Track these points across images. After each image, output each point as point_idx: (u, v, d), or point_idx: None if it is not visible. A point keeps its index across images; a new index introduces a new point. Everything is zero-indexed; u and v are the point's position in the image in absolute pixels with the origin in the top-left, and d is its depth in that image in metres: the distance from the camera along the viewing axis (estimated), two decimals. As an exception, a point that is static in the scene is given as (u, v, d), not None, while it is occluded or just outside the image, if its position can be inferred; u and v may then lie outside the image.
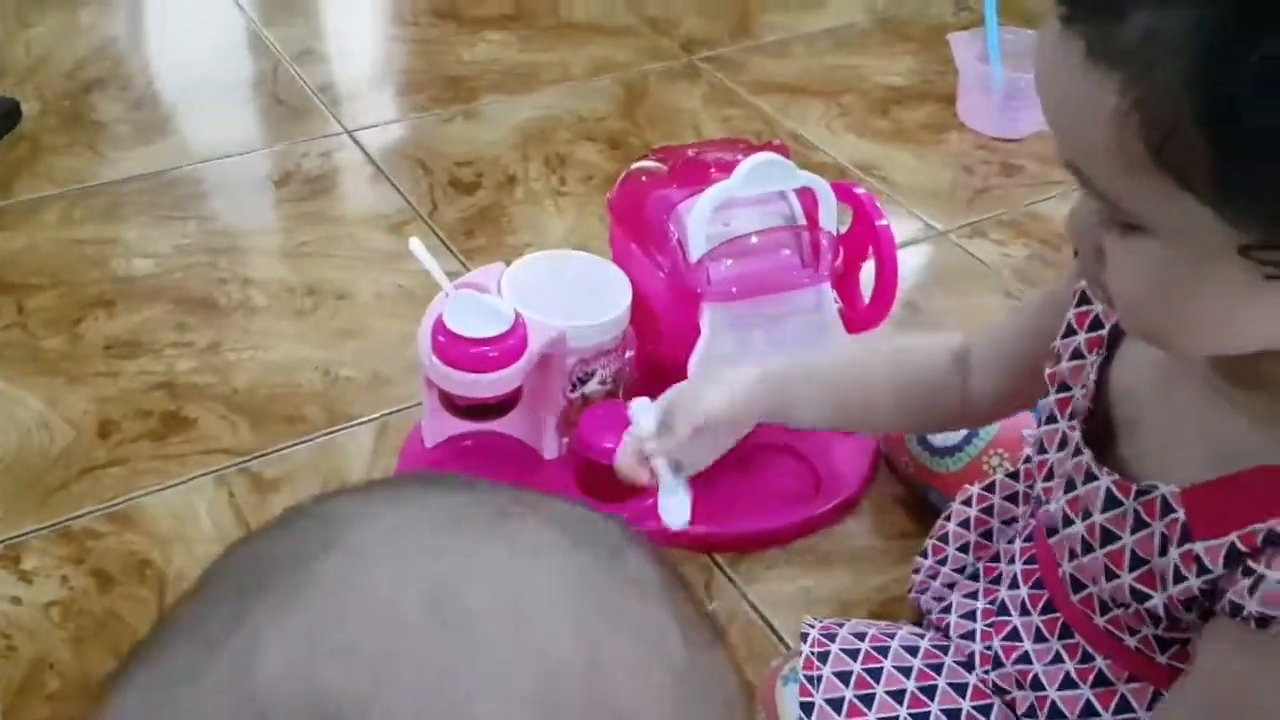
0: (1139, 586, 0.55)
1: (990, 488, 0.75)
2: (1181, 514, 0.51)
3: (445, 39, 1.60)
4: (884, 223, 0.92)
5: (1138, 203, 0.44)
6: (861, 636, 0.70)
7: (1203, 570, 0.50)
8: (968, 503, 0.76)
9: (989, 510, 0.74)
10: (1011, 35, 1.43)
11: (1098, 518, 0.56)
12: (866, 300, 0.95)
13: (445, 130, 1.40)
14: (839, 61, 1.58)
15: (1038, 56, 0.46)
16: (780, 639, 0.83)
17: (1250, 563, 0.48)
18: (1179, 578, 0.52)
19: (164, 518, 0.90)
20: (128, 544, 0.88)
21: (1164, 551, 0.53)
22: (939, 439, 0.91)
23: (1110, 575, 0.56)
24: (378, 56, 1.63)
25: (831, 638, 0.70)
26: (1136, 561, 0.54)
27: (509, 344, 0.82)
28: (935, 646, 0.69)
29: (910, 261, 1.21)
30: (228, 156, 1.34)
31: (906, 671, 0.67)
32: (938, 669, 0.68)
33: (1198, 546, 0.50)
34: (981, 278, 1.22)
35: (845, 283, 0.94)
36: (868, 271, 0.95)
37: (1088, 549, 0.57)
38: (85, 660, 0.80)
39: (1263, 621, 0.48)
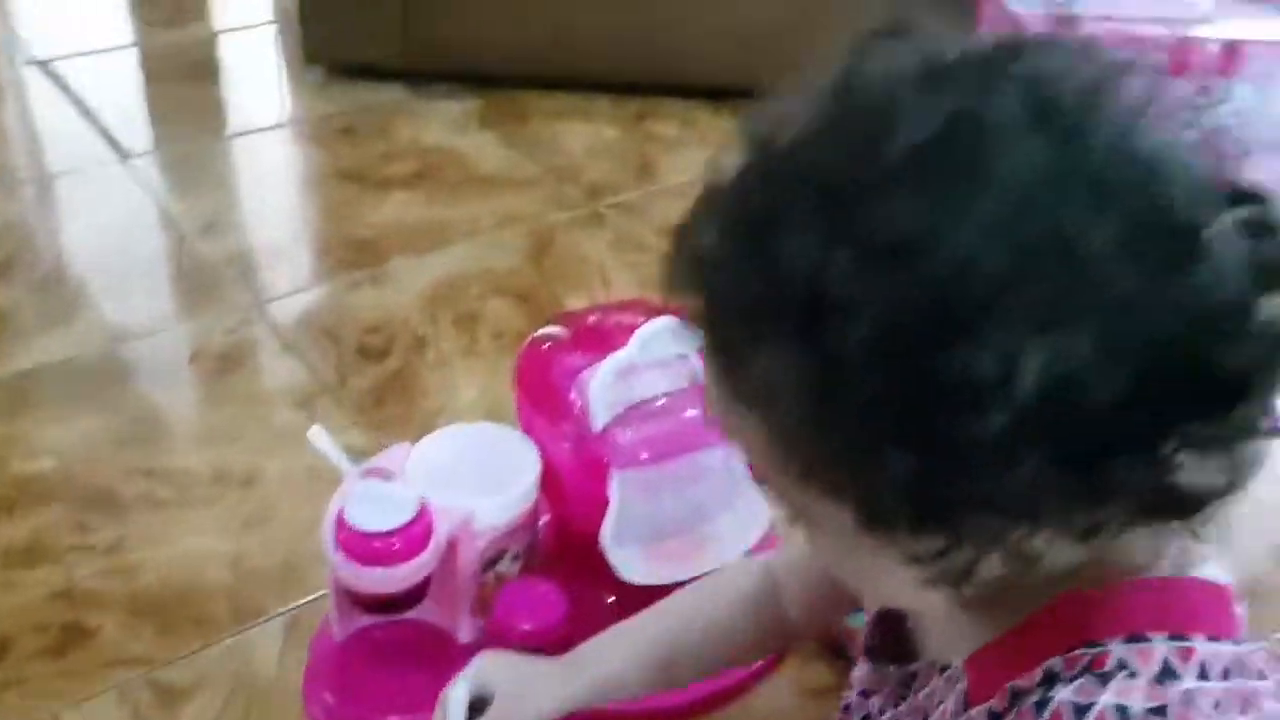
0: None
1: None
2: (963, 682, 0.53)
3: (352, 201, 1.60)
4: (787, 374, 0.92)
5: (804, 504, 0.47)
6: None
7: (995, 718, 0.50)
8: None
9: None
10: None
11: (911, 701, 0.58)
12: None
13: (354, 296, 1.40)
14: (742, 198, 1.61)
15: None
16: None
17: (1030, 699, 0.48)
18: None
19: (65, 741, 0.86)
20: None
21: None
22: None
23: None
24: (285, 224, 1.63)
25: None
26: None
27: (413, 533, 0.80)
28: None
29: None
30: (137, 338, 1.32)
31: None
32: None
33: (973, 713, 0.51)
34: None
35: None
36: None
37: None
38: None
39: None
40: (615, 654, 0.76)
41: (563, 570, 0.92)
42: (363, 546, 0.80)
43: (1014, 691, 0.48)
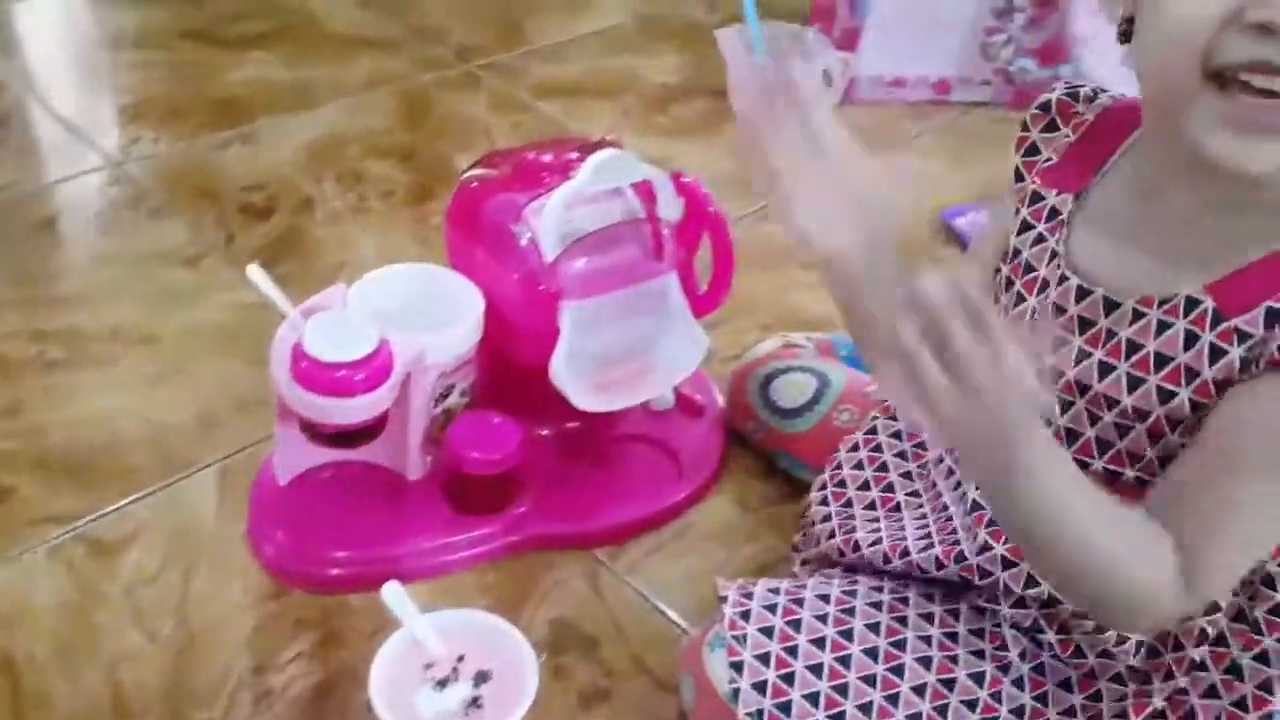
0: (1165, 385, 0.60)
1: (872, 431, 0.81)
2: (1210, 302, 0.59)
3: (205, 62, 1.52)
4: (715, 208, 0.95)
5: None
6: (776, 591, 0.73)
7: (1244, 338, 0.57)
8: (854, 448, 0.81)
9: (877, 449, 0.80)
10: (770, 29, 1.50)
11: (1124, 333, 0.62)
12: (703, 287, 0.98)
13: (223, 156, 1.33)
14: (611, 63, 1.62)
15: None
16: (674, 621, 0.85)
17: None
18: (1217, 356, 0.58)
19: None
20: (-39, 633, 0.80)
21: (1190, 344, 0.59)
22: (785, 401, 0.96)
23: (1134, 385, 0.62)
24: (138, 84, 1.52)
25: (749, 596, 0.73)
26: (1162, 361, 0.61)
27: (375, 365, 0.80)
28: (844, 592, 0.74)
29: (719, 247, 1.26)
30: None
31: (824, 618, 0.71)
32: (850, 612, 0.72)
33: (1235, 321, 0.58)
34: (784, 256, 1.28)
35: (683, 269, 0.97)
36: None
37: (1107, 371, 0.63)
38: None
39: None
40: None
41: (500, 405, 0.93)
42: (325, 377, 0.79)
43: (1269, 313, 0.56)
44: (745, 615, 0.72)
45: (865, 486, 0.83)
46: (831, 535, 0.80)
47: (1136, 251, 0.64)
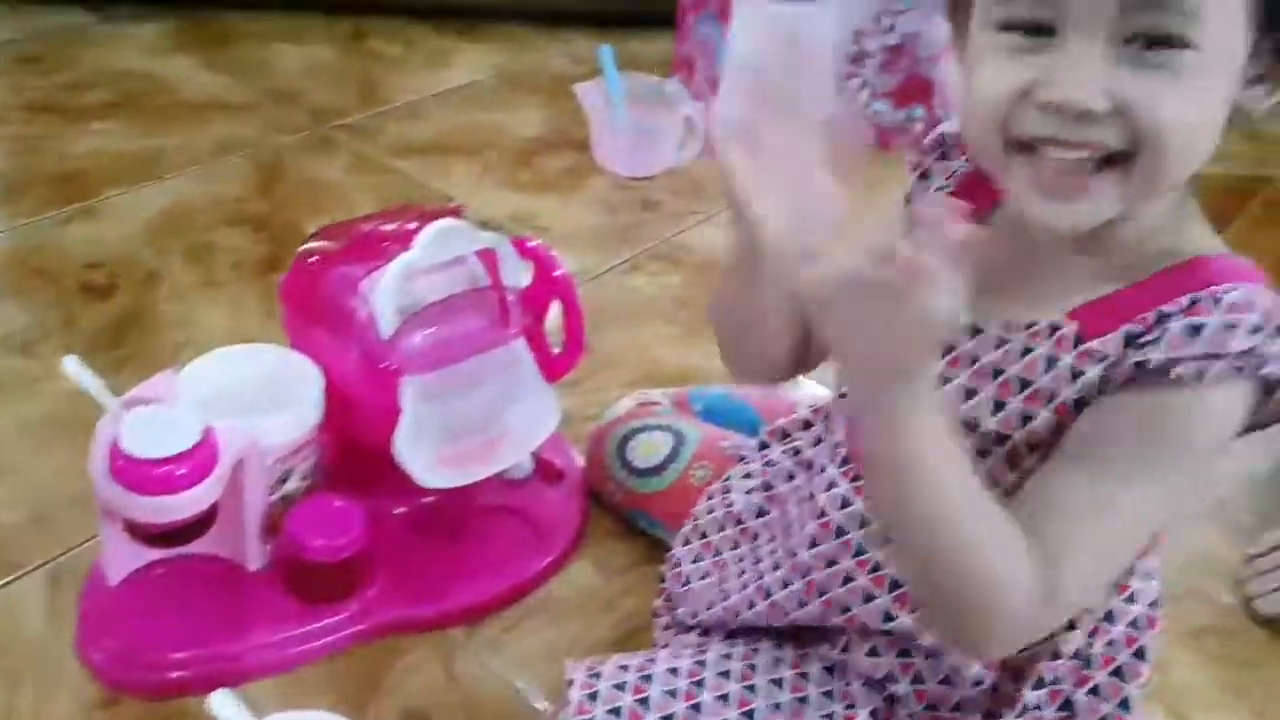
0: (1026, 408, 0.61)
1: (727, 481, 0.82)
2: (1071, 326, 0.60)
3: (46, 135, 1.46)
4: (561, 271, 0.94)
5: (1205, 11, 0.53)
6: (625, 669, 0.72)
7: (1101, 359, 0.59)
8: (710, 500, 0.83)
9: (730, 502, 0.81)
10: (629, 81, 1.51)
11: (986, 359, 0.63)
12: (556, 349, 0.97)
13: (64, 233, 1.28)
14: (472, 119, 1.61)
15: None
16: (532, 700, 0.83)
17: (1146, 337, 0.57)
18: (1075, 376, 0.59)
19: None
20: None
21: (1050, 367, 0.60)
22: (640, 460, 0.95)
23: (996, 409, 0.62)
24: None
25: (597, 676, 0.71)
26: (1023, 385, 0.62)
27: (199, 458, 0.77)
28: (695, 663, 0.72)
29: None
30: None
31: (673, 693, 0.70)
32: (700, 684, 0.71)
33: (1094, 343, 0.59)
34: (643, 309, 1.28)
35: (533, 334, 0.96)
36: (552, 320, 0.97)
37: (970, 394, 0.63)
38: None
39: (1165, 369, 0.56)
40: None
41: (346, 487, 0.90)
42: (144, 475, 0.75)
43: (1128, 335, 0.58)
44: (593, 697, 0.70)
45: (726, 537, 0.82)
46: (687, 587, 0.80)
47: (1007, 281, 0.65)
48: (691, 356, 1.20)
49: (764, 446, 0.86)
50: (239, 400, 0.83)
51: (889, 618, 0.69)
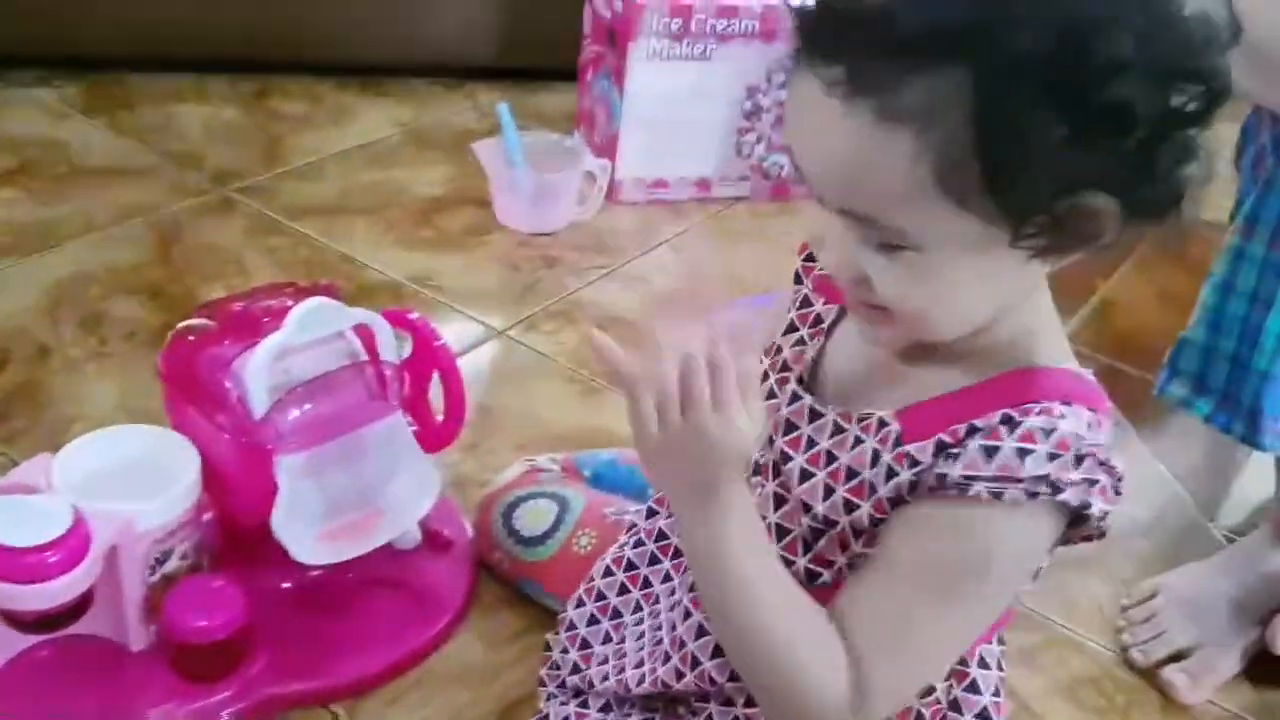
0: (850, 498, 0.64)
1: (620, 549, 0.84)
2: (895, 426, 0.62)
3: (-63, 205, 1.45)
4: (441, 342, 0.96)
5: (913, 226, 0.56)
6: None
7: (914, 464, 0.61)
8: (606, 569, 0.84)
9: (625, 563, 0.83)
10: (530, 137, 1.54)
11: (823, 444, 0.66)
12: (439, 418, 0.98)
13: (-45, 307, 1.27)
14: (375, 177, 1.62)
15: (804, 129, 0.58)
16: (415, 772, 0.84)
17: (953, 449, 0.60)
18: (890, 475, 0.62)
19: None
20: None
21: (875, 462, 0.62)
22: (526, 529, 0.97)
23: (827, 493, 0.65)
24: None
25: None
26: (850, 475, 0.64)
27: (71, 544, 0.77)
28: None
29: (474, 365, 1.27)
30: None
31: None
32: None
33: (910, 447, 0.61)
34: (542, 368, 1.29)
35: (415, 406, 0.97)
36: (435, 389, 0.98)
37: (806, 476, 0.66)
38: None
39: (963, 486, 0.58)
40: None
41: (233, 564, 0.91)
42: (15, 564, 0.75)
43: (939, 444, 0.60)
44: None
45: (624, 600, 0.84)
46: (586, 651, 0.82)
47: (855, 369, 0.69)
48: (589, 416, 1.22)
49: (652, 514, 0.86)
50: (116, 482, 0.84)
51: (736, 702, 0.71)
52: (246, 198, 1.53)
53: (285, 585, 0.94)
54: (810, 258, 0.75)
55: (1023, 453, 0.57)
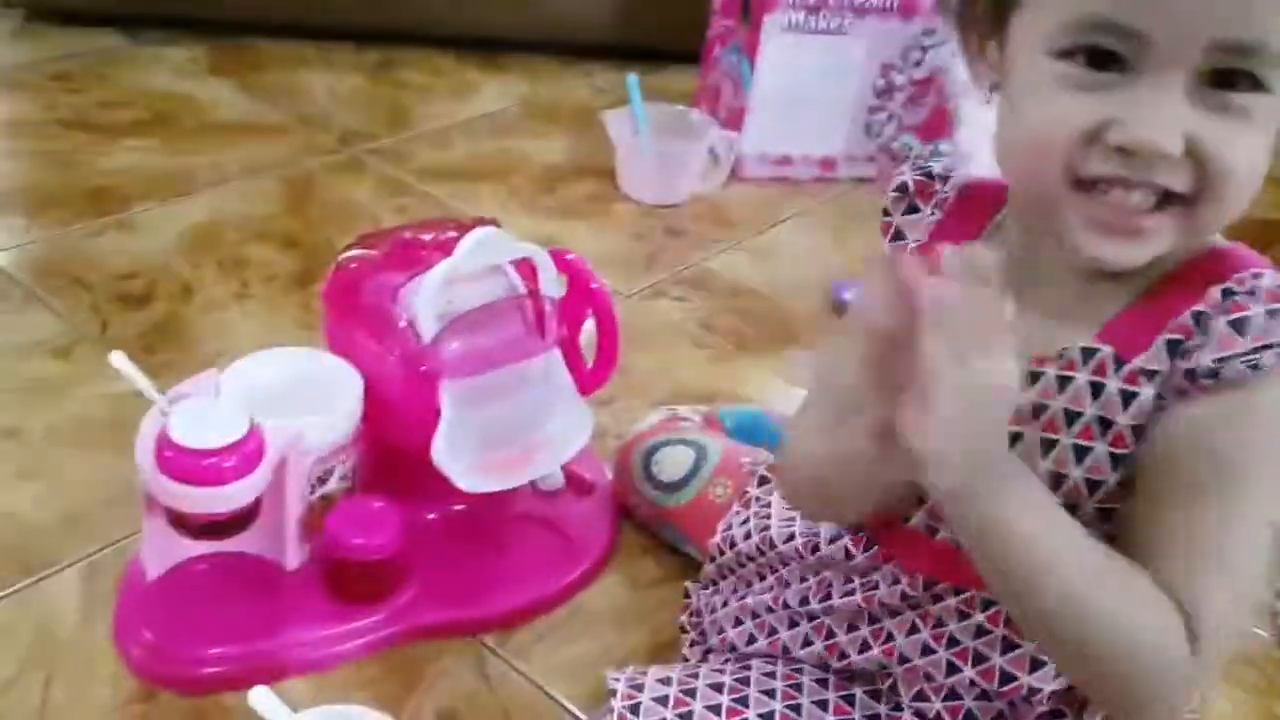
0: (1080, 442, 0.59)
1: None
2: (1106, 349, 0.58)
3: (80, 150, 1.48)
4: (598, 284, 0.95)
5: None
6: (667, 682, 0.71)
7: (1152, 376, 0.57)
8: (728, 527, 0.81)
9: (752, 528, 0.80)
10: (656, 110, 1.54)
11: (1024, 398, 0.59)
12: (589, 363, 0.98)
13: (98, 244, 1.30)
14: (499, 145, 1.63)
15: None
16: (565, 707, 0.83)
17: (1189, 342, 0.56)
18: (1129, 400, 0.57)
19: None
20: None
21: (1097, 395, 0.58)
22: (665, 475, 0.96)
23: (1048, 448, 0.59)
24: (3, 174, 1.48)
25: (639, 688, 0.71)
26: (1072, 417, 0.59)
27: (246, 451, 0.77)
28: (737, 680, 0.72)
29: (608, 325, 1.26)
30: None
31: (716, 709, 0.69)
32: (744, 701, 0.70)
33: (1138, 361, 0.57)
34: (672, 333, 1.29)
35: (567, 348, 0.97)
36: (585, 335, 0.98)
37: (1012, 442, 0.56)
38: None
39: (1218, 371, 0.55)
40: None
41: (385, 490, 0.91)
42: (193, 466, 0.76)
43: (1169, 344, 0.56)
44: (635, 709, 0.70)
45: (752, 568, 0.81)
46: (726, 604, 0.80)
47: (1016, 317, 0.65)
48: (719, 380, 1.21)
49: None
50: (280, 400, 0.84)
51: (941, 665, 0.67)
52: (376, 159, 1.54)
53: (431, 516, 0.94)
54: (898, 235, 0.70)
55: (1273, 314, 0.55)
